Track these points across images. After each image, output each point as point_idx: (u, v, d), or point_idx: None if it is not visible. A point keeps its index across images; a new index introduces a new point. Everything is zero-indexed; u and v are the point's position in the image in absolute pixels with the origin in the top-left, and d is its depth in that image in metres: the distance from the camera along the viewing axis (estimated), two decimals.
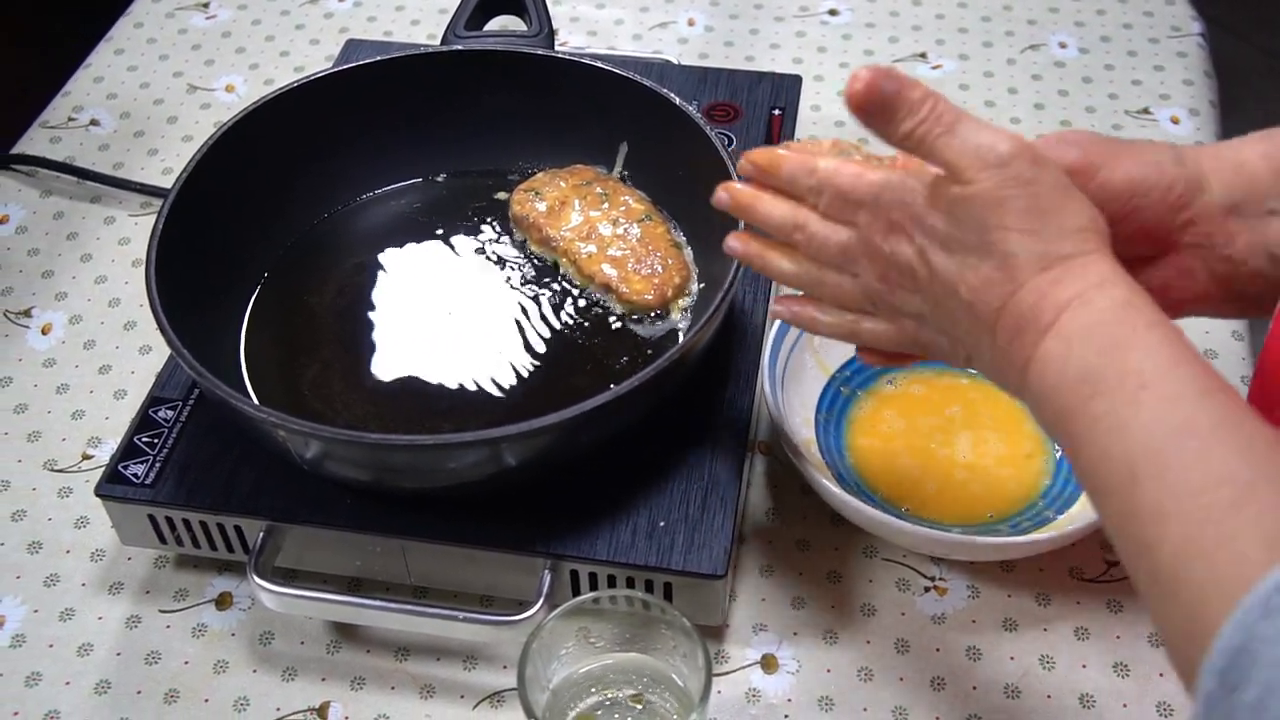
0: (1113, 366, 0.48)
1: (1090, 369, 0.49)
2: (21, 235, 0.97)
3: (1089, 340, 0.49)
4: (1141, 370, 0.47)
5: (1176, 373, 0.47)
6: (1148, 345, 0.48)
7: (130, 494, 0.71)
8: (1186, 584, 0.43)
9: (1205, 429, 0.45)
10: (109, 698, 0.70)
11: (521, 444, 0.65)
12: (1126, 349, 0.48)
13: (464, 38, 0.89)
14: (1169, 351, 0.48)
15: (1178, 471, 0.45)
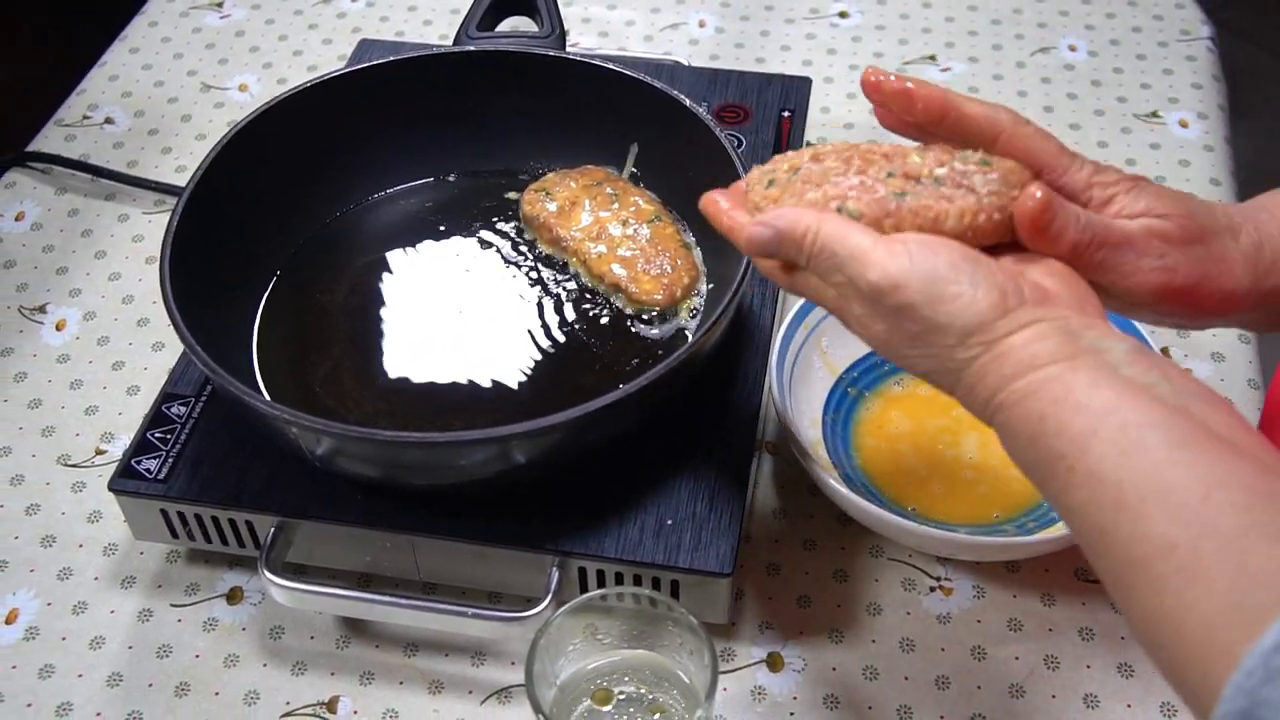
0: (1041, 456, 0.48)
1: (1029, 461, 0.50)
2: (36, 232, 0.98)
3: (1015, 439, 0.50)
4: (1064, 454, 0.47)
5: (1094, 444, 0.46)
6: (1059, 424, 0.48)
7: (143, 489, 0.71)
8: (1166, 653, 0.43)
9: (1133, 499, 0.45)
10: (120, 690, 0.71)
11: (531, 442, 0.65)
12: (1045, 437, 0.48)
13: (476, 38, 0.90)
14: (1081, 421, 0.47)
15: (1123, 548, 0.45)
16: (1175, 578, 0.43)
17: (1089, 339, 0.50)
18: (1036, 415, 0.48)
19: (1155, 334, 0.81)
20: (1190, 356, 0.86)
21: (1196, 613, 0.42)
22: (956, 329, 0.51)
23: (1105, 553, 0.46)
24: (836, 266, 0.53)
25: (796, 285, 0.56)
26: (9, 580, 0.76)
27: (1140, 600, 0.44)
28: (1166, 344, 0.87)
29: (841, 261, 0.52)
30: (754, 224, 0.55)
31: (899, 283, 0.51)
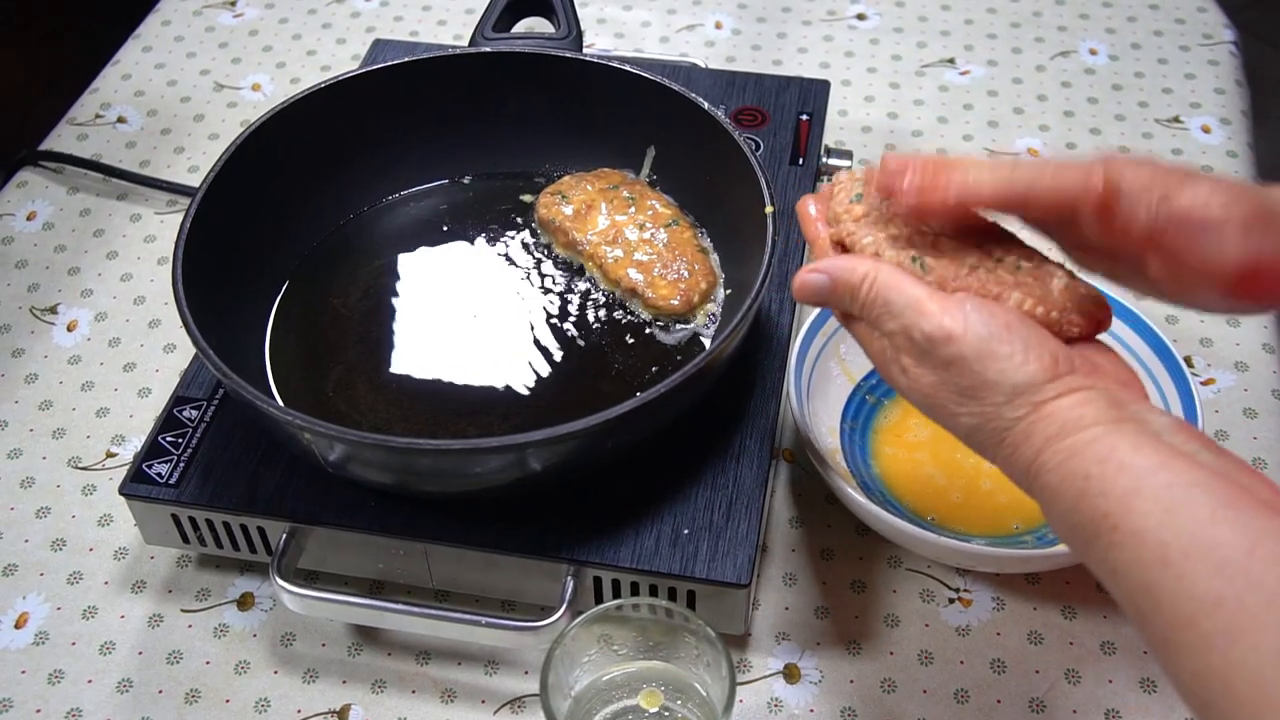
0: (1085, 518, 0.48)
1: (1071, 526, 0.49)
2: (48, 232, 0.98)
3: (1058, 502, 0.50)
4: (1108, 514, 0.47)
5: (1138, 503, 0.47)
6: (1104, 483, 0.48)
7: (154, 493, 0.71)
8: (1217, 711, 0.43)
9: (1177, 557, 0.45)
10: (130, 696, 0.70)
11: (547, 449, 0.64)
12: (1089, 497, 0.48)
13: (492, 39, 0.89)
14: (1125, 481, 0.47)
15: (1169, 606, 0.45)
16: (1222, 635, 0.43)
17: (1133, 409, 0.51)
18: (1081, 474, 0.48)
19: (1177, 344, 0.79)
20: (1213, 366, 0.85)
21: (1246, 670, 0.42)
22: (1006, 387, 0.51)
23: (1152, 613, 0.45)
24: (891, 314, 0.53)
25: (849, 327, 0.57)
26: (19, 584, 0.75)
27: (1189, 659, 0.44)
28: (1190, 354, 0.86)
29: (897, 310, 0.53)
30: (809, 270, 0.56)
31: (953, 334, 0.52)
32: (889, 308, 0.54)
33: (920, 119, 1.06)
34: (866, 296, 0.54)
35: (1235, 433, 0.81)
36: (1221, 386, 0.84)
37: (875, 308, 0.54)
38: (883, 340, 0.55)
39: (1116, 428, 0.49)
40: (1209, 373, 0.85)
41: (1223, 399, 0.83)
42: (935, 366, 0.52)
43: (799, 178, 0.88)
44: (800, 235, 0.84)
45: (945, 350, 0.52)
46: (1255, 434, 0.81)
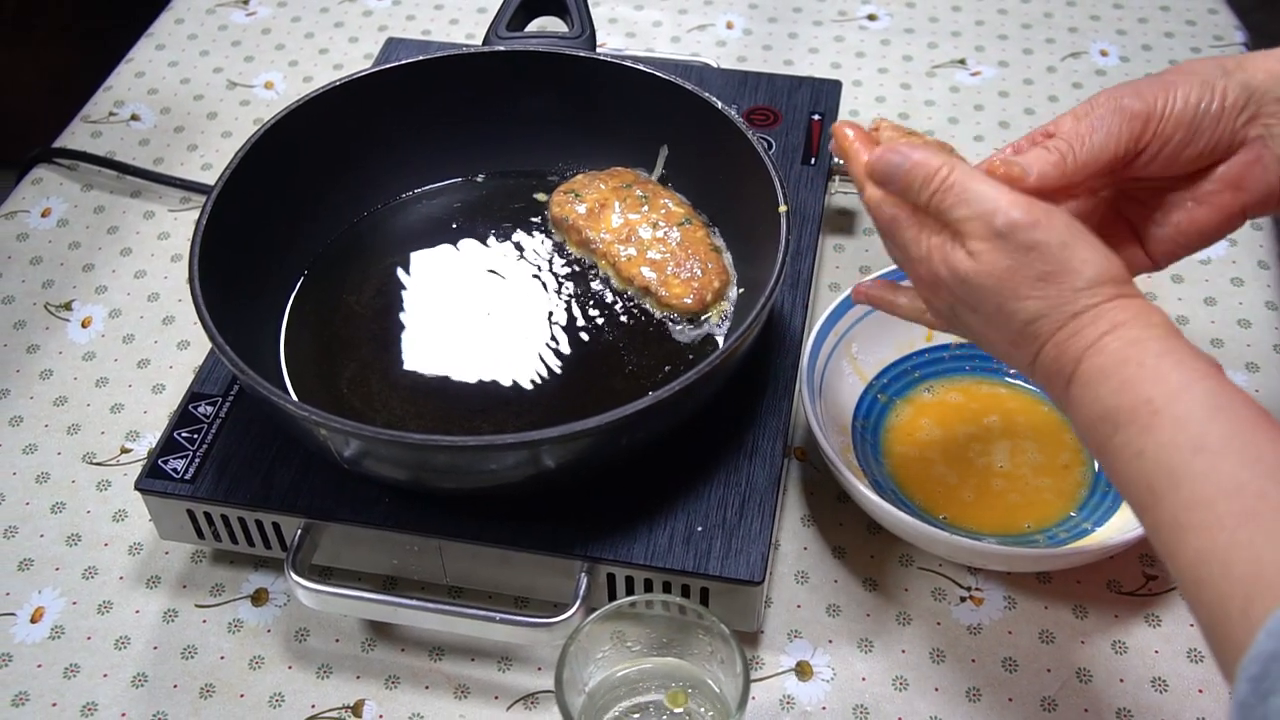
0: (1126, 401, 0.51)
1: (1108, 408, 0.51)
2: (63, 228, 0.98)
3: (1104, 382, 0.52)
4: (1152, 399, 0.50)
5: (1186, 395, 0.49)
6: (1157, 374, 0.51)
7: (170, 489, 0.71)
8: (1210, 589, 0.45)
9: (1215, 444, 0.47)
10: (145, 691, 0.70)
11: (562, 446, 0.65)
12: (1137, 382, 0.51)
13: (505, 38, 0.89)
14: (1178, 375, 0.50)
15: (1189, 486, 0.47)
16: (1234, 516, 0.45)
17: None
18: (1136, 360, 0.51)
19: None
20: (1225, 367, 0.85)
21: (1249, 550, 0.44)
22: (1089, 274, 0.53)
23: (1168, 493, 0.48)
24: (966, 202, 0.55)
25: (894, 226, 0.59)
26: (35, 578, 0.76)
27: (1194, 538, 0.46)
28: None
29: (974, 197, 0.55)
30: (888, 148, 0.58)
31: (1039, 221, 0.54)
32: (965, 194, 0.55)
33: (931, 119, 1.06)
34: (943, 183, 0.56)
35: None
36: None
37: (950, 195, 0.55)
38: (942, 234, 0.57)
39: (1178, 336, 0.52)
40: None
41: None
42: (1013, 250, 0.54)
43: (811, 177, 0.89)
44: (811, 235, 0.84)
45: (1029, 234, 0.53)
46: None
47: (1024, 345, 0.55)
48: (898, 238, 0.59)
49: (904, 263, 0.61)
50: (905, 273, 0.61)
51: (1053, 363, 0.54)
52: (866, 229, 0.97)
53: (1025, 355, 0.56)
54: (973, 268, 0.55)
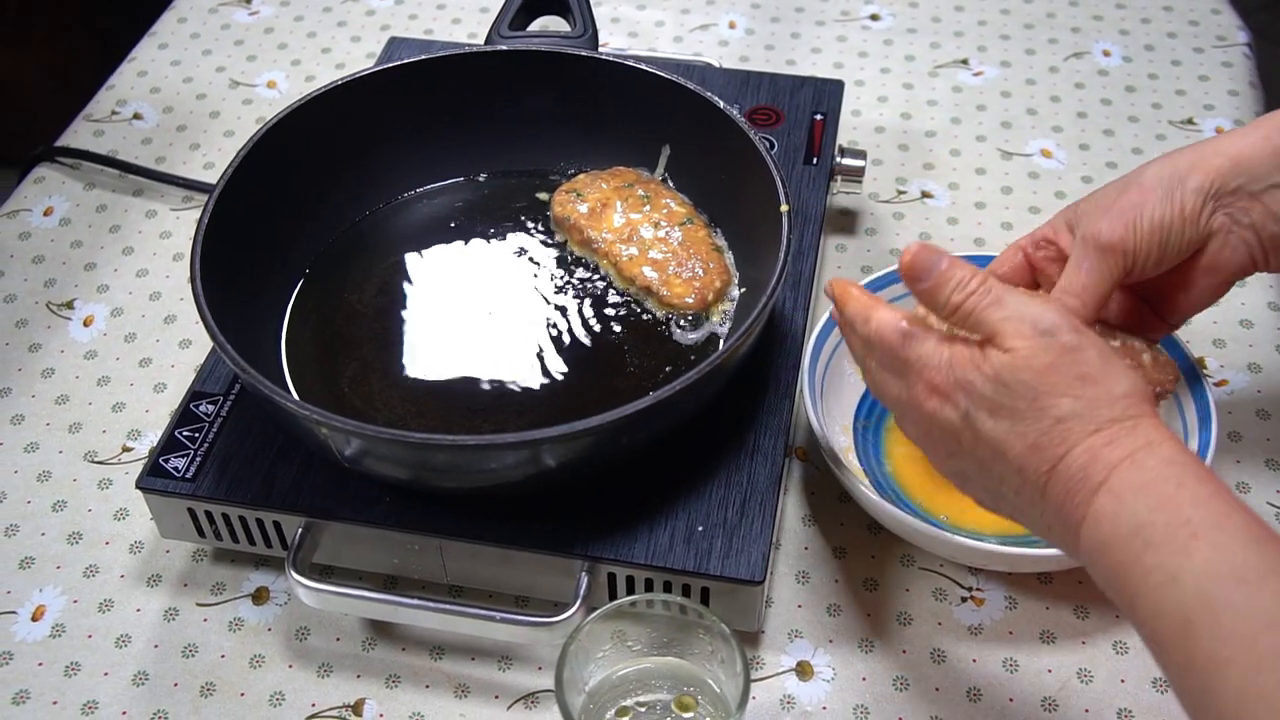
0: (1163, 519, 0.49)
1: (1142, 523, 0.50)
2: (65, 227, 0.98)
3: (1140, 497, 0.50)
4: (1191, 521, 0.48)
5: (1226, 523, 0.48)
6: (1197, 498, 0.49)
7: (171, 487, 0.71)
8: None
9: (1256, 575, 0.46)
10: (146, 689, 0.71)
11: (563, 446, 0.65)
12: (1176, 503, 0.49)
13: (508, 38, 0.89)
14: (1218, 504, 0.49)
15: (1230, 618, 0.45)
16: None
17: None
18: (1175, 480, 0.50)
19: (1191, 343, 0.79)
20: (1226, 367, 0.85)
21: None
22: (1125, 386, 0.53)
23: (1204, 626, 0.46)
24: (1003, 304, 0.55)
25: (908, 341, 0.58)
26: (36, 577, 0.76)
27: (1235, 676, 0.44)
28: (1203, 355, 0.86)
29: (1011, 301, 0.55)
30: (924, 246, 0.57)
31: (1081, 328, 0.54)
32: (1003, 297, 0.55)
33: (933, 119, 1.06)
34: (981, 284, 0.56)
35: (1248, 434, 0.81)
36: (1235, 388, 0.84)
37: (989, 296, 0.55)
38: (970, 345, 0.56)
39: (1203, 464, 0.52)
40: (1222, 374, 0.85)
41: (1236, 400, 0.83)
42: (1056, 349, 0.53)
43: (813, 177, 0.89)
44: (812, 235, 0.84)
45: (1073, 337, 0.53)
46: (1268, 435, 0.81)
47: (1049, 448, 0.53)
48: (911, 350, 0.57)
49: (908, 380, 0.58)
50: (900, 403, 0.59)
51: (1081, 469, 0.52)
52: (868, 229, 0.97)
53: (1046, 459, 0.53)
54: (1010, 361, 0.54)
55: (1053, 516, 0.54)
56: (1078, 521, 0.52)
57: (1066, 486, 0.52)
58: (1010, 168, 1.01)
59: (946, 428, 0.57)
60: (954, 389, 0.56)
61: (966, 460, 0.57)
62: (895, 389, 0.59)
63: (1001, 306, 0.55)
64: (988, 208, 0.98)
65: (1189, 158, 0.64)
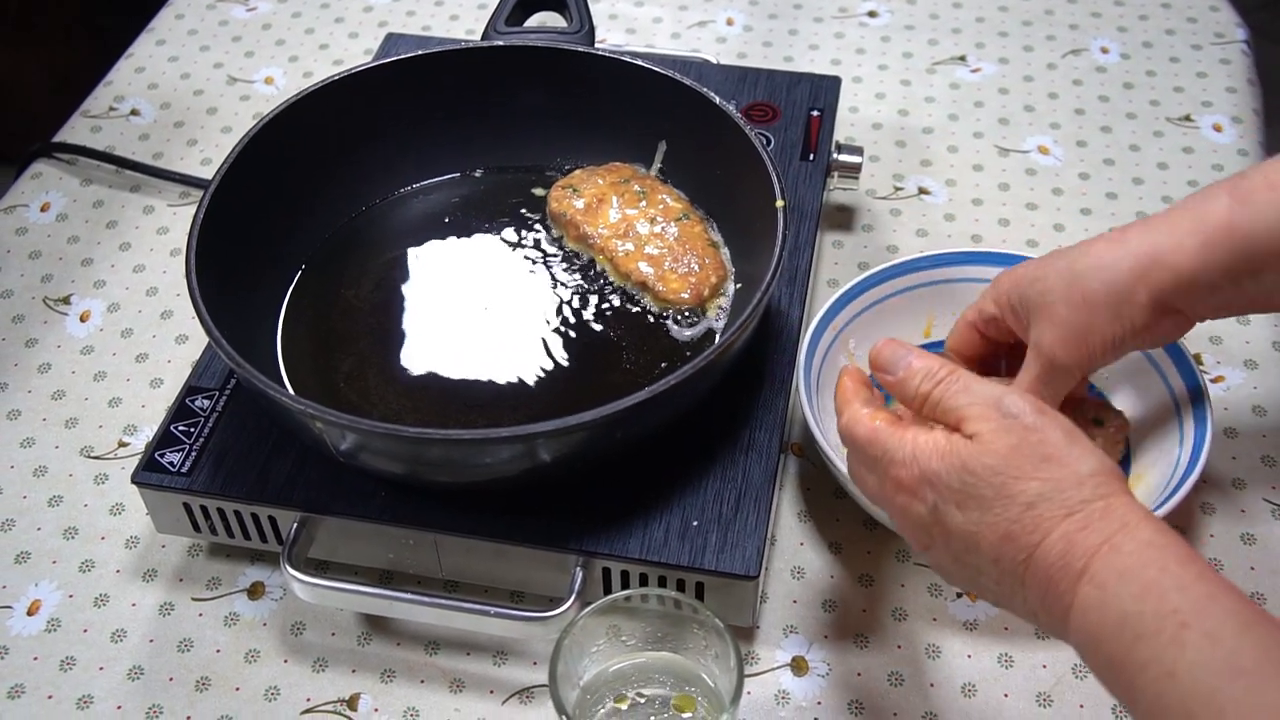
0: (1150, 609, 0.48)
1: (1129, 613, 0.48)
2: (62, 223, 0.98)
3: (1124, 585, 0.49)
4: (1179, 609, 0.47)
5: (1214, 608, 0.47)
6: (1181, 583, 0.48)
7: (166, 482, 0.71)
8: None
9: (1253, 665, 0.45)
10: (141, 684, 0.71)
11: (557, 440, 0.65)
12: (1161, 590, 0.48)
13: (504, 33, 0.89)
14: (1204, 587, 0.48)
15: (1234, 713, 0.44)
16: None
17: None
18: (1158, 565, 0.49)
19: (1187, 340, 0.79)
20: (1223, 363, 0.85)
21: None
22: (1091, 465, 0.52)
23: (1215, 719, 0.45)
24: (968, 390, 0.55)
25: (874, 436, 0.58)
26: (31, 571, 0.76)
27: None
28: (1199, 350, 0.86)
29: (976, 387, 0.55)
30: (892, 341, 0.59)
31: (1044, 409, 0.54)
32: (969, 385, 0.56)
33: (931, 116, 1.06)
34: (949, 374, 0.56)
35: (1244, 430, 0.81)
36: (1231, 384, 0.84)
37: (954, 384, 0.56)
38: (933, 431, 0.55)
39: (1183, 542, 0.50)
40: (1218, 370, 0.85)
41: (1232, 396, 0.83)
42: (1019, 430, 0.53)
43: (809, 173, 0.89)
44: (809, 231, 0.84)
45: (1035, 418, 0.53)
46: (1264, 431, 0.81)
47: (1022, 537, 0.52)
48: (878, 446, 0.57)
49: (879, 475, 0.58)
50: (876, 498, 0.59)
51: (1059, 557, 0.51)
52: (865, 225, 0.97)
53: (1021, 549, 0.52)
54: (975, 449, 0.53)
55: (1037, 605, 0.52)
56: (1064, 612, 0.51)
57: (1047, 575, 0.51)
58: (1007, 164, 1.01)
59: (917, 523, 0.56)
60: (920, 484, 0.55)
61: (942, 554, 0.56)
62: (870, 483, 0.59)
63: (968, 393, 0.55)
64: (985, 204, 0.98)
65: (1130, 270, 0.63)
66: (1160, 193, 0.98)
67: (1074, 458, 0.52)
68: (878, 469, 0.58)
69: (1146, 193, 0.98)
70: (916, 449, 0.55)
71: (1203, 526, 0.76)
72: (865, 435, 0.58)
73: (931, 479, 0.54)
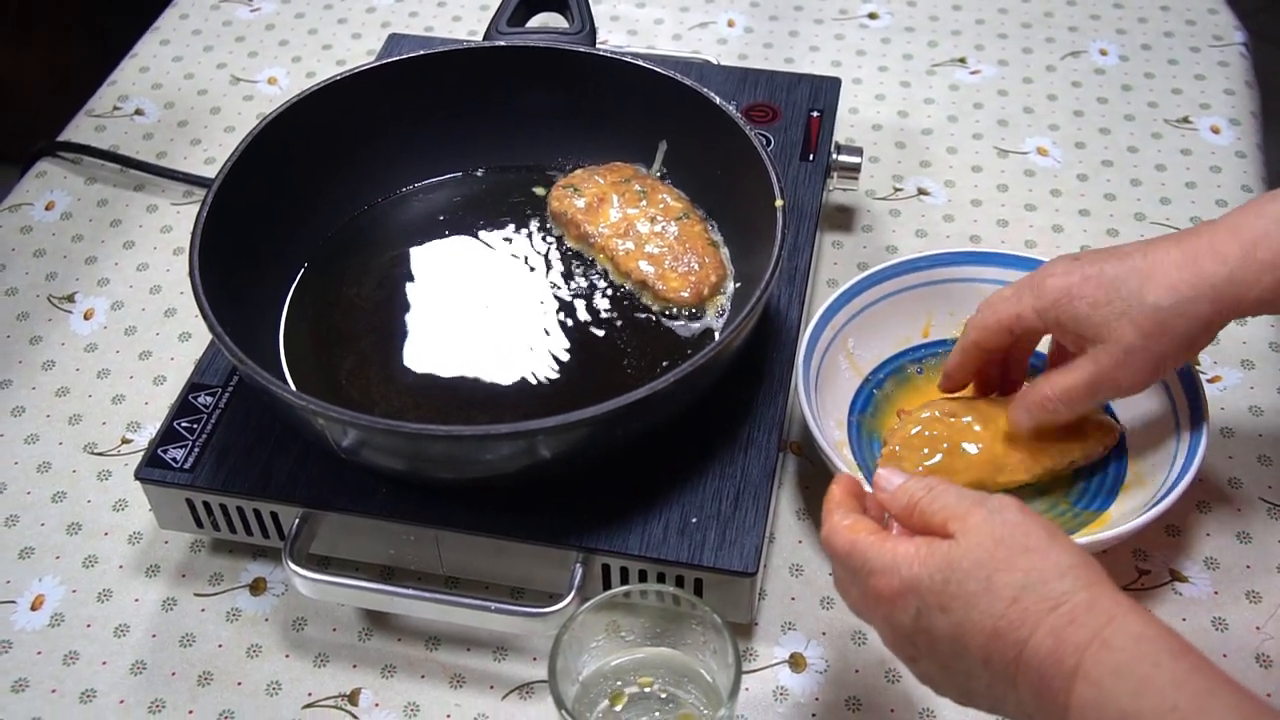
0: (1148, 705, 0.47)
1: (1126, 711, 0.47)
2: (66, 221, 0.99)
3: (1119, 682, 0.48)
4: (1177, 707, 0.46)
5: (1213, 703, 0.47)
6: (1176, 678, 0.47)
7: (169, 478, 0.71)
8: None
9: None
10: (144, 678, 0.71)
11: (557, 437, 0.65)
12: (1158, 687, 0.47)
13: (506, 34, 0.90)
14: (1199, 682, 0.47)
15: None
16: None
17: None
18: (1151, 660, 0.48)
19: None
20: (1220, 363, 0.86)
21: None
22: (1071, 559, 0.52)
23: None
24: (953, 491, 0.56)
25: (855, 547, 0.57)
26: (35, 567, 0.76)
27: None
28: None
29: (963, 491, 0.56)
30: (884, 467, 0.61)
31: (1025, 507, 0.54)
32: (955, 490, 0.56)
33: (930, 117, 1.06)
34: (935, 484, 0.57)
35: (1241, 430, 0.82)
36: (1228, 384, 0.85)
37: (938, 487, 0.56)
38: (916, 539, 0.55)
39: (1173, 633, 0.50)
40: (1215, 370, 0.85)
41: (1229, 396, 0.84)
42: (1000, 524, 0.53)
43: (809, 173, 0.89)
44: (808, 231, 0.85)
45: (1015, 513, 0.53)
46: (1260, 431, 0.81)
47: (1009, 633, 0.51)
48: (857, 557, 0.56)
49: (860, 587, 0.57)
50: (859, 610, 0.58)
51: (1049, 654, 0.49)
52: (865, 226, 0.97)
53: (1010, 646, 0.51)
54: (958, 547, 0.53)
55: (1033, 707, 0.51)
56: (1061, 712, 0.49)
57: (1039, 673, 0.50)
58: (1006, 165, 1.02)
59: (901, 634, 0.55)
60: (902, 592, 0.54)
61: (929, 664, 0.55)
62: (853, 596, 0.58)
63: (955, 493, 0.56)
64: (984, 205, 0.98)
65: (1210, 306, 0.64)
66: (1158, 194, 0.99)
67: (1055, 550, 0.52)
68: (858, 581, 0.57)
69: (1145, 194, 0.99)
70: (896, 557, 0.55)
71: (1199, 525, 0.76)
72: (844, 547, 0.57)
73: (913, 585, 0.53)
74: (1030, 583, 0.51)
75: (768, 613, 0.73)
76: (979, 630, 0.51)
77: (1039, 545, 0.52)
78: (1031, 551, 0.52)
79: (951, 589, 0.52)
